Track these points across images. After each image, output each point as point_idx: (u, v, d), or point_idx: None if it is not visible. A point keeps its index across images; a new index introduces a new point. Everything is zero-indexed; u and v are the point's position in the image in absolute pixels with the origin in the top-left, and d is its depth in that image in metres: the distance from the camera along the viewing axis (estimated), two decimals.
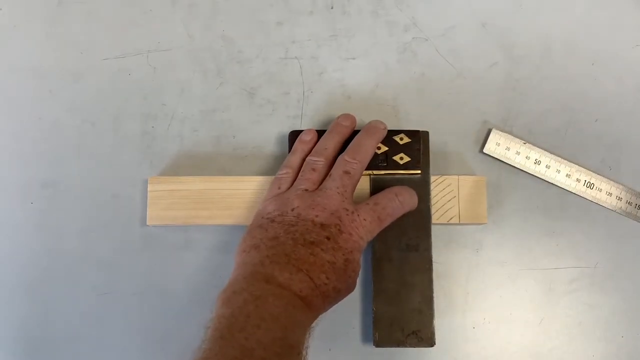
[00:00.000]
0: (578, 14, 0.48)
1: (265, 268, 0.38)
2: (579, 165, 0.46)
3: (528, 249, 0.46)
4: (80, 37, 0.49)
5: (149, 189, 0.45)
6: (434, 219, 0.44)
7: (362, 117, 0.47)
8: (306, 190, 0.41)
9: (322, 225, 0.39)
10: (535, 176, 0.46)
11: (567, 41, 0.48)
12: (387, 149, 0.44)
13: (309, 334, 0.37)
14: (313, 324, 0.38)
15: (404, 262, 0.43)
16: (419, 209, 0.43)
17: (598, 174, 0.46)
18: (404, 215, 0.43)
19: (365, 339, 0.45)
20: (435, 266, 0.44)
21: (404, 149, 0.44)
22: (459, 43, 0.48)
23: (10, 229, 0.46)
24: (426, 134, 0.45)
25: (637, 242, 0.46)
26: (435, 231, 0.44)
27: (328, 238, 0.39)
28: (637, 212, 0.46)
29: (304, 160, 0.44)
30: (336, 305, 0.40)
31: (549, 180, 0.46)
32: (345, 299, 0.42)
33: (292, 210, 0.40)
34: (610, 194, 0.46)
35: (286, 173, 0.43)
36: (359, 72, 0.48)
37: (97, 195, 0.47)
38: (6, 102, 0.48)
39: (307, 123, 0.47)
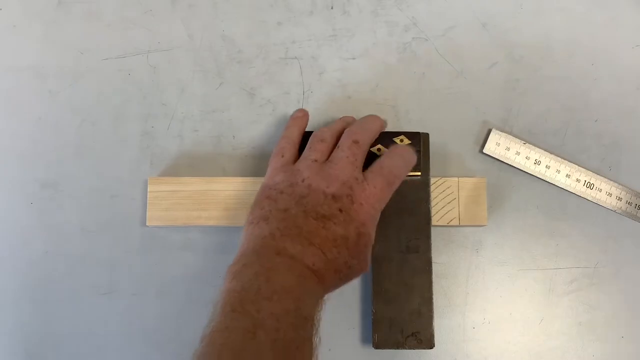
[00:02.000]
0: (578, 14, 0.48)
1: (275, 240, 0.37)
2: (579, 165, 0.46)
3: (528, 249, 0.46)
4: (80, 37, 0.49)
5: (148, 189, 0.45)
6: (434, 221, 0.44)
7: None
8: (315, 160, 0.40)
9: (334, 197, 0.38)
10: (535, 176, 0.46)
11: (567, 41, 0.48)
12: (387, 150, 0.44)
13: (321, 306, 0.36)
14: (325, 298, 0.37)
15: (403, 264, 0.43)
16: (419, 210, 0.43)
17: (598, 174, 0.46)
18: (404, 216, 0.43)
19: (364, 340, 0.45)
20: (435, 267, 0.44)
21: None
22: (459, 43, 0.48)
23: (10, 229, 0.46)
24: (426, 135, 0.45)
25: (637, 242, 0.46)
26: (435, 231, 0.44)
27: (340, 210, 0.38)
28: (637, 212, 0.46)
29: (301, 133, 0.43)
30: (336, 306, 0.40)
31: (549, 181, 0.46)
32: (345, 300, 0.42)
33: (303, 181, 0.39)
34: (610, 194, 0.46)
35: (287, 143, 0.42)
36: (359, 72, 0.48)
37: (97, 195, 0.47)
38: (6, 102, 0.48)
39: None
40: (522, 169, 0.46)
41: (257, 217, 0.39)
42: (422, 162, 0.44)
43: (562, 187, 0.46)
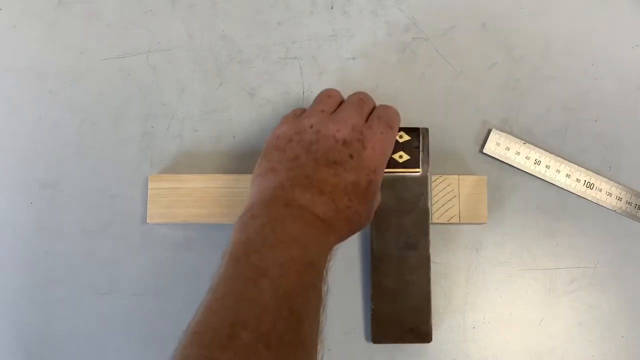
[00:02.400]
0: (578, 14, 0.48)
1: (285, 191, 0.36)
2: (579, 165, 0.46)
3: (528, 249, 0.46)
4: (80, 37, 0.49)
5: (149, 186, 0.45)
6: (434, 219, 0.44)
7: None
8: (323, 111, 0.39)
9: (345, 142, 0.37)
10: (535, 176, 0.46)
11: (567, 41, 0.48)
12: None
13: (331, 255, 0.36)
14: (335, 247, 0.37)
15: (402, 261, 0.43)
16: (418, 207, 0.43)
17: (598, 174, 0.46)
18: (403, 213, 0.43)
19: (365, 338, 0.45)
20: (434, 266, 0.44)
21: (403, 147, 0.44)
22: (459, 43, 0.48)
23: (10, 229, 0.46)
24: (426, 130, 0.44)
25: (637, 242, 0.46)
26: (435, 231, 0.44)
27: (351, 156, 0.37)
28: (637, 212, 0.46)
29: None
30: (336, 304, 0.40)
31: (549, 180, 0.46)
32: (345, 298, 0.41)
33: (311, 127, 0.38)
34: (610, 194, 0.46)
35: (297, 109, 0.42)
36: (359, 72, 0.48)
37: (97, 195, 0.47)
38: (6, 102, 0.48)
39: None
40: (522, 168, 0.46)
41: (265, 169, 0.38)
42: (422, 158, 0.44)
43: (562, 187, 0.46)
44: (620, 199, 0.46)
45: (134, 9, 0.49)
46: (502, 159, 0.46)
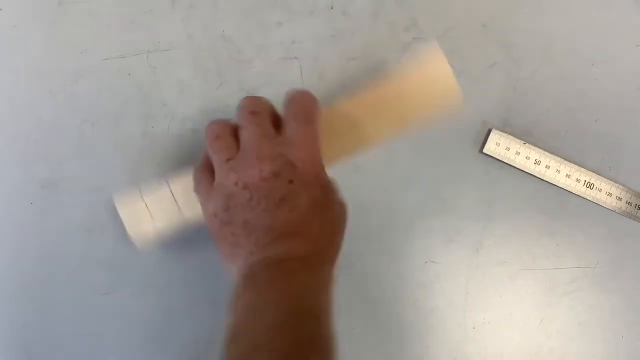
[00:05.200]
0: (578, 14, 0.48)
1: (256, 255, 0.34)
2: (578, 165, 0.46)
3: (528, 249, 0.46)
4: (80, 37, 0.49)
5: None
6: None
7: None
8: (229, 159, 0.35)
9: (275, 174, 0.34)
10: (535, 176, 0.46)
11: (567, 41, 0.48)
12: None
13: (330, 282, 0.34)
14: (335, 272, 0.35)
15: None
16: None
17: (598, 174, 0.46)
18: None
19: (366, 339, 0.45)
20: (435, 266, 0.44)
21: None
22: (459, 43, 0.48)
23: (10, 229, 0.46)
24: None
25: (637, 242, 0.46)
26: (435, 230, 0.44)
27: (291, 181, 0.34)
28: (637, 212, 0.46)
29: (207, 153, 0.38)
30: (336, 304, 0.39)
31: (549, 180, 0.46)
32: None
33: (236, 184, 0.34)
34: (610, 194, 0.46)
35: (200, 171, 0.38)
36: (359, 72, 0.48)
37: (97, 195, 0.47)
38: (6, 102, 0.48)
39: None
40: (522, 169, 0.46)
41: (227, 248, 0.36)
42: None
43: (562, 187, 0.46)
44: (620, 199, 0.46)
45: (134, 9, 0.49)
46: (502, 159, 0.46)
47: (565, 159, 0.46)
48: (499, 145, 0.46)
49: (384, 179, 0.46)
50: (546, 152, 0.46)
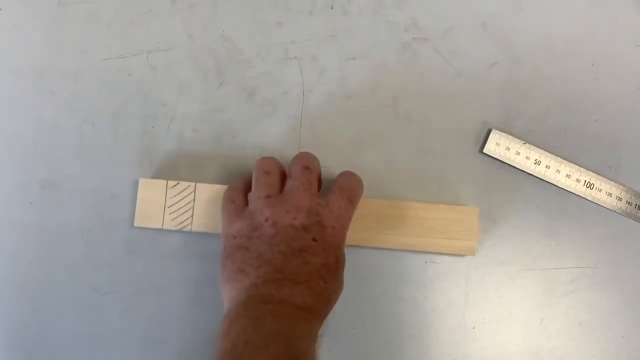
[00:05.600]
0: (578, 14, 0.48)
1: (259, 289, 0.35)
2: (579, 166, 0.46)
3: (528, 249, 0.46)
4: (80, 37, 0.49)
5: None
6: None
7: (362, 117, 0.47)
8: (269, 196, 0.38)
9: (304, 227, 0.37)
10: (535, 176, 0.46)
11: (567, 41, 0.48)
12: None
13: (318, 342, 0.35)
14: (320, 331, 0.36)
15: None
16: None
17: (598, 174, 0.46)
18: None
19: (366, 339, 0.45)
20: (435, 266, 0.44)
21: None
22: (459, 43, 0.48)
23: (10, 229, 0.46)
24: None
25: (637, 242, 0.46)
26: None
27: (315, 240, 0.37)
28: (637, 212, 0.46)
29: (245, 180, 0.41)
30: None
31: (549, 181, 0.46)
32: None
33: (266, 220, 0.37)
34: (610, 194, 0.46)
35: (233, 190, 0.41)
36: (359, 72, 0.48)
37: (97, 195, 0.47)
38: (6, 102, 0.48)
39: (307, 123, 0.47)
40: (522, 169, 0.46)
41: (232, 271, 0.37)
42: None
43: (562, 187, 0.46)
44: (620, 199, 0.46)
45: (134, 9, 0.49)
46: (502, 159, 0.46)
47: (565, 159, 0.46)
48: (499, 145, 0.46)
49: (384, 178, 0.46)
50: (546, 152, 0.46)
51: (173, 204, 0.44)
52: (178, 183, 0.44)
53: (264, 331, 0.33)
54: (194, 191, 0.44)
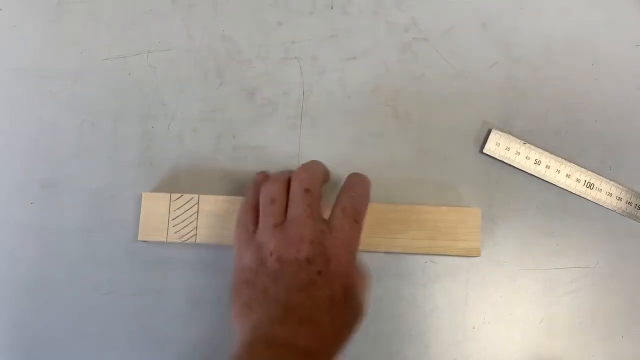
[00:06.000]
0: (578, 14, 0.48)
1: (264, 327, 0.35)
2: (579, 165, 0.46)
3: (528, 249, 0.46)
4: (80, 37, 0.49)
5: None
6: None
7: (362, 117, 0.47)
8: (275, 226, 0.38)
9: (308, 260, 0.36)
10: (535, 176, 0.46)
11: (567, 41, 0.48)
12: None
13: None
14: None
15: None
16: None
17: (598, 174, 0.46)
18: None
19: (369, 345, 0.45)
20: (435, 266, 0.44)
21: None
22: (459, 43, 0.48)
23: (10, 229, 0.46)
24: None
25: (637, 242, 0.46)
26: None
27: (319, 272, 0.36)
28: (637, 212, 0.46)
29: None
30: None
31: (549, 181, 0.46)
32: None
33: (271, 254, 0.37)
34: (610, 194, 0.46)
35: (246, 211, 0.40)
36: (359, 72, 0.48)
37: (97, 195, 0.47)
38: (6, 102, 0.48)
39: (307, 123, 0.47)
40: (522, 169, 0.46)
41: (240, 307, 0.37)
42: None
43: (562, 187, 0.46)
44: (620, 199, 0.46)
45: (134, 9, 0.49)
46: (502, 159, 0.46)
47: (565, 159, 0.46)
48: (499, 145, 0.46)
49: (384, 178, 0.46)
50: (546, 152, 0.46)
51: (176, 217, 0.44)
52: (181, 196, 0.44)
53: None
54: (197, 203, 0.44)
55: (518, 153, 0.46)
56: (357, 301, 0.37)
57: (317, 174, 0.40)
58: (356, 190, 0.39)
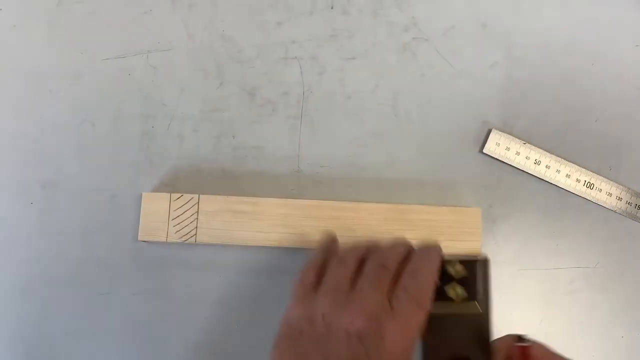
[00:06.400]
0: (578, 14, 0.48)
1: None
2: (579, 166, 0.46)
3: (528, 249, 0.46)
4: (80, 37, 0.49)
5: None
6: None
7: (362, 117, 0.47)
8: (336, 289, 0.35)
9: (359, 336, 0.32)
10: (535, 176, 0.46)
11: (567, 41, 0.48)
12: (438, 282, 0.36)
13: None
14: None
15: None
16: (477, 355, 0.35)
17: (598, 174, 0.46)
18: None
19: None
20: None
21: (459, 281, 0.36)
22: (459, 43, 0.48)
23: (10, 229, 0.46)
24: (485, 262, 0.37)
25: (637, 242, 0.46)
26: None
27: (368, 355, 0.32)
28: (637, 212, 0.46)
29: (325, 259, 0.38)
30: None
31: (549, 181, 0.46)
32: None
33: (323, 317, 0.33)
34: (610, 194, 0.46)
35: (310, 267, 0.37)
36: (359, 72, 0.48)
37: (97, 195, 0.47)
38: (6, 102, 0.48)
39: (307, 123, 0.47)
40: (522, 169, 0.46)
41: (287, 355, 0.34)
42: (482, 296, 0.36)
43: (562, 187, 0.46)
44: (620, 199, 0.46)
45: (134, 9, 0.49)
46: (502, 159, 0.46)
47: (565, 159, 0.46)
48: (499, 145, 0.46)
49: (384, 178, 0.46)
50: (546, 152, 0.46)
51: (176, 217, 0.44)
52: (181, 196, 0.44)
53: None
54: (197, 203, 0.44)
55: (518, 153, 0.46)
56: None
57: (400, 254, 0.36)
58: (422, 272, 0.35)
